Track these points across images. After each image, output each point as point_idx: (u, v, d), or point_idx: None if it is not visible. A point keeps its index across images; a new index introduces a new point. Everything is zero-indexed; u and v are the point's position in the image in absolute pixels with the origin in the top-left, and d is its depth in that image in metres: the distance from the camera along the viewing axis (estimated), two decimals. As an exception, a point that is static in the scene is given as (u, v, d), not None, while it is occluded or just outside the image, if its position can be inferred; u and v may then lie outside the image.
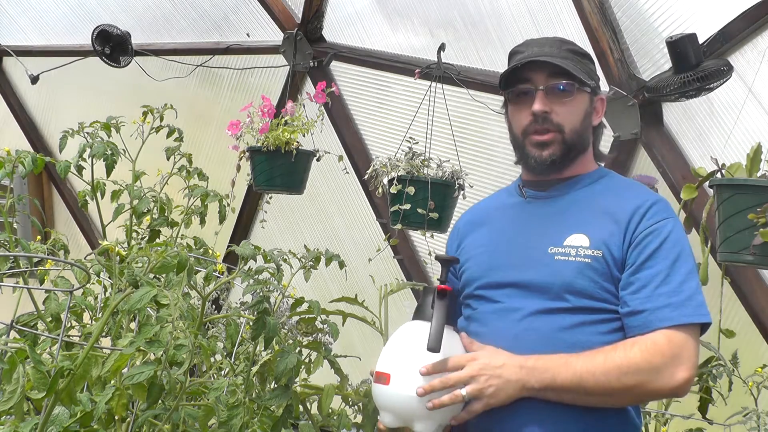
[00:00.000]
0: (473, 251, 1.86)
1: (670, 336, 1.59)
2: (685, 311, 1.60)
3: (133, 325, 2.29)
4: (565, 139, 1.76)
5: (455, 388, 1.62)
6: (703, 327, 1.65)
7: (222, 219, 3.32)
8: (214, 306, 3.36)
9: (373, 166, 3.20)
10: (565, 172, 1.80)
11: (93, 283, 2.58)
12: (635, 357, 1.58)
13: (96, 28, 4.61)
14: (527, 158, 1.79)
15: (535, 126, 1.76)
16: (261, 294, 2.16)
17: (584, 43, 3.10)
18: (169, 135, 3.40)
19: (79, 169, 3.15)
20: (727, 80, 2.69)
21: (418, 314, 1.74)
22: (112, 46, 4.63)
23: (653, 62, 3.07)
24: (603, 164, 1.93)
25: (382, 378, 1.66)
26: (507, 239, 1.81)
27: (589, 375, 1.58)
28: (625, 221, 1.68)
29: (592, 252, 1.66)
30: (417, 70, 3.52)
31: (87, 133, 3.19)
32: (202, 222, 3.35)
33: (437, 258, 1.75)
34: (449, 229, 3.22)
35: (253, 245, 2.16)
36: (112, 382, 1.99)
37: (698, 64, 2.72)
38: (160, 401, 2.04)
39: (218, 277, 2.38)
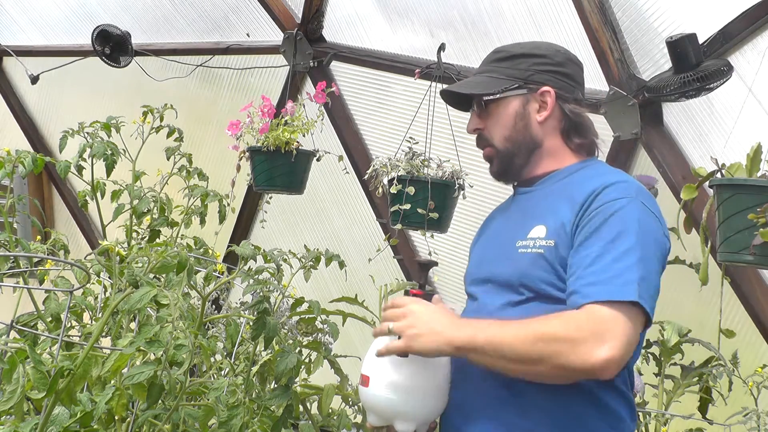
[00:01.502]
0: (475, 251, 1.93)
1: (592, 311, 1.51)
2: (609, 288, 1.51)
3: (133, 325, 2.29)
4: (499, 151, 1.81)
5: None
6: (647, 312, 1.54)
7: (222, 219, 3.32)
8: (214, 306, 3.36)
9: (373, 166, 3.20)
10: (535, 170, 1.81)
11: (93, 283, 2.59)
12: (552, 326, 1.52)
13: (96, 28, 4.61)
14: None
15: (478, 145, 1.87)
16: (261, 294, 2.16)
17: (584, 43, 3.10)
18: (169, 135, 3.40)
19: (79, 169, 3.15)
20: (727, 80, 2.69)
21: None
22: (112, 46, 4.63)
23: (653, 62, 3.07)
24: (600, 158, 1.89)
25: (364, 380, 1.71)
26: (493, 236, 1.87)
27: (507, 338, 1.54)
28: (579, 205, 1.64)
29: (546, 242, 1.65)
30: (417, 70, 3.52)
31: (87, 133, 3.19)
32: (202, 222, 3.35)
33: (418, 262, 1.81)
34: (449, 229, 3.22)
35: (253, 245, 2.17)
36: (112, 382, 1.99)
37: (698, 64, 2.72)
38: (160, 401, 2.04)
39: (218, 277, 2.38)
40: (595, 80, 3.18)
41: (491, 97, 1.79)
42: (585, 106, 1.84)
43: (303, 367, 2.40)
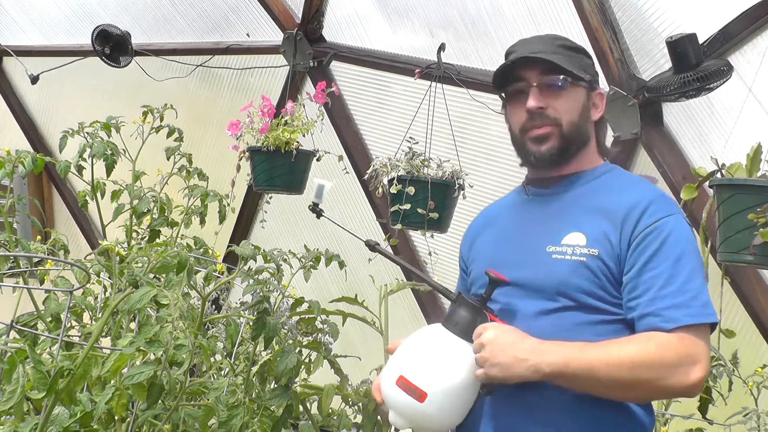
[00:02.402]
0: (479, 251, 1.86)
1: (682, 335, 1.57)
2: (690, 311, 1.58)
3: (133, 325, 2.29)
4: (563, 133, 1.75)
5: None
6: (713, 325, 1.63)
7: (222, 219, 3.33)
8: (214, 306, 3.36)
9: (373, 166, 3.20)
10: (566, 168, 1.78)
11: (93, 283, 2.59)
12: (650, 351, 1.55)
13: (96, 28, 4.60)
14: (527, 155, 1.78)
15: (533, 122, 1.75)
16: (261, 294, 2.17)
17: (584, 43, 3.10)
18: (169, 135, 3.40)
19: (79, 169, 3.15)
20: (727, 80, 2.69)
21: (452, 326, 1.67)
22: (112, 46, 4.63)
23: (653, 62, 3.07)
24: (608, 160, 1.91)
25: (416, 392, 1.61)
26: (508, 238, 1.80)
27: (602, 364, 1.55)
28: (621, 219, 1.65)
29: (588, 251, 1.64)
30: (417, 70, 3.52)
31: (87, 133, 3.19)
32: (202, 222, 3.35)
33: (487, 274, 1.68)
34: (449, 229, 3.22)
35: (253, 245, 2.17)
36: (112, 382, 1.99)
37: (698, 64, 2.71)
38: (160, 401, 2.04)
39: (218, 277, 2.38)
40: (595, 80, 3.18)
41: (579, 81, 1.75)
42: None
43: (303, 367, 2.40)
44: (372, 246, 1.92)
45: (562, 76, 1.74)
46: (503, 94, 1.83)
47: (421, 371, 1.63)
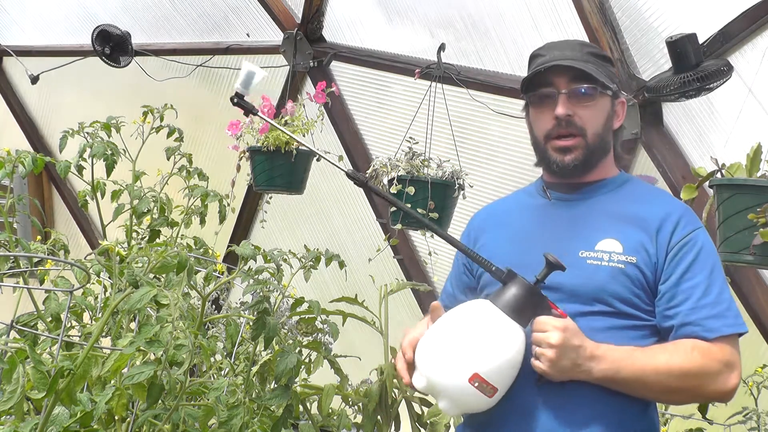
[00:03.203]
0: (495, 251, 1.80)
1: (722, 344, 1.66)
2: (728, 321, 1.67)
3: (133, 325, 2.29)
4: (588, 144, 1.76)
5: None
6: (741, 333, 1.72)
7: (222, 219, 3.33)
8: (214, 306, 3.36)
9: (373, 166, 3.20)
10: (588, 176, 1.80)
11: (93, 283, 2.59)
12: (696, 361, 1.63)
13: (96, 28, 4.61)
14: (549, 162, 1.79)
15: (559, 130, 1.75)
16: (261, 294, 2.17)
17: (584, 43, 3.10)
18: (169, 135, 3.40)
19: (79, 169, 3.15)
20: (727, 80, 2.69)
21: (506, 307, 1.63)
22: (112, 46, 4.63)
23: (653, 62, 3.07)
24: (622, 168, 1.92)
25: (488, 389, 1.60)
26: (533, 240, 1.78)
27: (652, 372, 1.62)
28: (655, 229, 1.70)
29: (626, 258, 1.68)
30: (417, 70, 3.52)
31: (87, 133, 3.19)
32: (202, 222, 3.35)
33: (545, 256, 1.64)
34: (449, 229, 3.22)
35: (253, 245, 2.17)
36: (112, 382, 1.99)
37: (698, 64, 2.71)
38: (160, 401, 2.04)
39: (218, 277, 2.38)
40: (595, 80, 3.18)
41: (607, 90, 1.76)
42: None
43: (303, 367, 2.40)
44: (355, 177, 1.84)
45: (592, 85, 1.74)
46: (529, 98, 1.82)
47: (495, 369, 1.61)
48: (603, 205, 1.77)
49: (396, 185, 3.08)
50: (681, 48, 2.72)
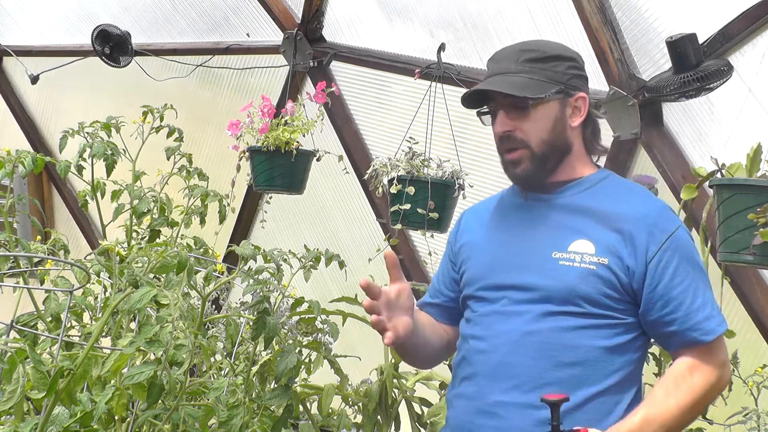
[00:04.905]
0: (474, 250, 1.85)
1: (715, 348, 1.69)
2: (719, 320, 1.69)
3: (133, 325, 2.29)
4: (534, 153, 1.75)
5: None
6: None
7: (222, 219, 3.33)
8: (214, 306, 3.36)
9: (373, 166, 3.20)
10: (556, 176, 1.79)
11: (93, 283, 2.59)
12: (698, 384, 1.67)
13: (96, 28, 4.61)
14: (507, 173, 1.82)
15: (503, 146, 1.78)
16: (261, 294, 2.17)
17: (584, 43, 3.10)
18: (169, 135, 3.40)
19: (79, 169, 3.15)
20: (727, 80, 2.69)
21: None
22: (112, 46, 4.63)
23: (653, 62, 3.07)
24: (600, 161, 1.91)
25: None
26: (508, 240, 1.80)
27: (672, 422, 1.65)
28: (629, 231, 1.68)
29: (598, 259, 1.67)
30: (417, 70, 3.52)
31: (87, 133, 3.19)
32: (202, 222, 3.35)
33: (543, 400, 1.61)
34: (449, 229, 3.22)
35: (253, 245, 2.17)
36: (112, 382, 1.99)
37: (698, 64, 2.71)
38: (160, 401, 2.04)
39: (218, 277, 2.38)
40: (595, 80, 3.18)
41: (537, 100, 1.74)
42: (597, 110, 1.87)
43: (303, 367, 2.40)
44: None
45: (521, 98, 1.74)
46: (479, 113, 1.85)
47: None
48: (577, 206, 1.76)
49: (396, 185, 3.08)
50: (681, 48, 2.72)
